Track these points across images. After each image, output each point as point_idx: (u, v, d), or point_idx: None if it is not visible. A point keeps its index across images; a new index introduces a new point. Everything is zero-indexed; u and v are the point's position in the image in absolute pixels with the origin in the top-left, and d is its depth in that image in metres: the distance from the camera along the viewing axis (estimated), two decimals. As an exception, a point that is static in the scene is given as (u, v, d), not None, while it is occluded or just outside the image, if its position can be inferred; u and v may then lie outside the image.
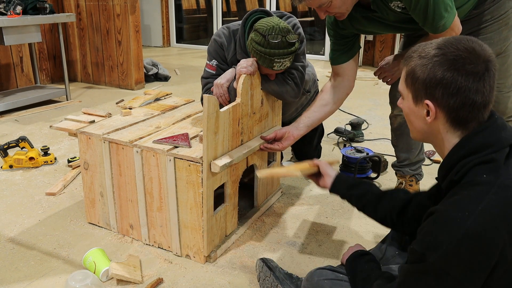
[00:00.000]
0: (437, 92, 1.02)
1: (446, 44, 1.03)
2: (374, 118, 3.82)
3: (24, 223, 2.14)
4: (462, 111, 1.02)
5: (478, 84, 0.99)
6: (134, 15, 4.70)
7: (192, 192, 1.73)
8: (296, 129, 1.99)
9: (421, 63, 1.04)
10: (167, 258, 1.86)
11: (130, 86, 4.88)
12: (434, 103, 1.04)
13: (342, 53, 1.99)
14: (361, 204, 1.53)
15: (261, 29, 1.84)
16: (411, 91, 1.09)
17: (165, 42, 8.00)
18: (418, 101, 1.08)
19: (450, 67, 1.00)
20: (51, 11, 4.07)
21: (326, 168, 1.64)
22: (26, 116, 3.87)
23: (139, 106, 2.37)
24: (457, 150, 1.04)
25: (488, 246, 0.91)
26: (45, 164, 2.80)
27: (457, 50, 1.00)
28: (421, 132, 1.13)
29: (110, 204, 2.00)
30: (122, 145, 1.84)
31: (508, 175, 0.96)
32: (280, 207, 2.30)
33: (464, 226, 0.92)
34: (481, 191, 0.95)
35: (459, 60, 0.99)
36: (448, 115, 1.04)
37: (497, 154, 0.99)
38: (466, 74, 0.99)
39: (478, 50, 1.00)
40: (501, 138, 1.01)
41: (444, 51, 1.01)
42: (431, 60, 1.02)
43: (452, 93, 1.00)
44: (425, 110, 1.06)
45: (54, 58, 5.07)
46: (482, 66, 0.99)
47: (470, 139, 1.03)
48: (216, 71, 2.11)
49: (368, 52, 6.27)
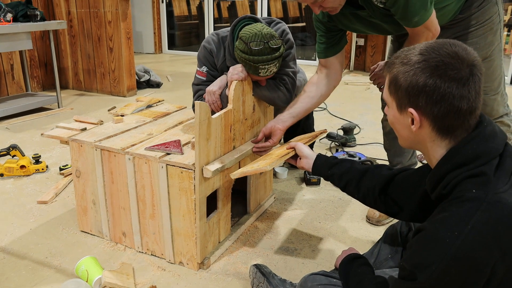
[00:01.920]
0: (420, 100, 0.99)
1: (428, 50, 0.99)
2: (366, 123, 3.84)
3: (15, 232, 2.13)
4: (447, 119, 0.98)
5: (462, 90, 0.96)
6: (125, 22, 4.70)
7: (184, 198, 1.73)
8: (281, 121, 1.98)
9: (403, 70, 1.01)
10: (160, 266, 1.86)
11: (122, 93, 4.87)
12: (418, 111, 1.00)
13: (329, 46, 2.01)
14: (344, 183, 1.51)
15: (244, 37, 1.85)
16: (394, 99, 1.06)
17: (157, 49, 8.00)
18: (402, 109, 1.04)
19: (433, 74, 0.96)
20: (42, 18, 4.06)
21: (303, 150, 1.64)
22: (17, 124, 3.85)
23: (131, 113, 2.36)
24: (445, 161, 1.01)
25: (478, 265, 0.89)
26: (36, 172, 2.78)
27: (439, 55, 0.97)
28: (408, 141, 1.10)
29: (102, 212, 1.99)
30: (114, 152, 1.84)
31: (497, 189, 0.93)
32: (273, 213, 2.30)
33: (454, 246, 0.89)
34: (470, 208, 0.92)
35: (442, 66, 0.96)
36: (433, 123, 1.00)
37: (486, 166, 0.95)
38: (449, 80, 0.95)
39: (461, 54, 0.97)
40: (490, 148, 0.98)
41: (426, 57, 0.98)
42: (413, 67, 0.99)
43: (436, 100, 0.97)
44: (410, 119, 1.03)
45: (45, 65, 5.05)
46: (466, 71, 0.96)
47: (458, 150, 1.00)
48: (206, 77, 2.12)
49: (359, 57, 6.31)
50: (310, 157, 1.62)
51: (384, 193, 1.43)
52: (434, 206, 1.05)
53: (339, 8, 1.73)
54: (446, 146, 1.03)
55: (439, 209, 1.00)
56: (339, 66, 2.05)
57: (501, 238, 0.90)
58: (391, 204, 1.42)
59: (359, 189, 1.48)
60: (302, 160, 1.65)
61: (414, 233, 1.02)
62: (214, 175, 1.71)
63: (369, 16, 1.79)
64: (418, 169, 1.36)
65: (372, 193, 1.44)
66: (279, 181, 2.68)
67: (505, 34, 6.32)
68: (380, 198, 1.43)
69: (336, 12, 1.75)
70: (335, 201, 2.43)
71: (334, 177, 1.55)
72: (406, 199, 1.36)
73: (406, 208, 1.37)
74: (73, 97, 4.87)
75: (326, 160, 1.59)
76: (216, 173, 1.71)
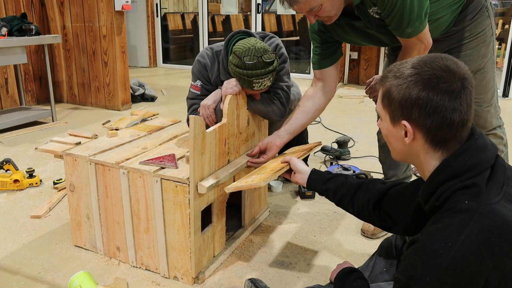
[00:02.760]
0: (413, 112, 1.00)
1: (420, 64, 1.01)
2: (360, 136, 3.86)
3: (8, 247, 2.11)
4: (440, 131, 1.00)
5: (454, 102, 0.97)
6: (120, 36, 4.72)
7: (179, 213, 1.73)
8: (278, 138, 2.00)
9: (396, 83, 1.02)
10: (155, 280, 1.84)
11: (116, 106, 4.87)
12: (411, 123, 1.02)
13: (324, 57, 2.02)
14: (338, 197, 1.52)
15: (238, 51, 1.87)
16: (388, 112, 1.08)
17: (151, 63, 8.03)
18: (395, 122, 1.06)
19: (425, 87, 0.98)
20: (37, 32, 4.07)
21: (297, 165, 1.64)
22: (11, 137, 3.83)
23: (126, 127, 2.36)
24: (438, 173, 1.02)
25: (472, 276, 0.90)
26: (30, 186, 2.77)
27: (431, 69, 0.99)
28: (401, 153, 1.11)
29: (96, 226, 1.98)
30: (108, 166, 1.84)
31: (490, 200, 0.94)
32: (268, 227, 2.30)
33: (448, 257, 0.90)
34: (462, 219, 0.92)
35: (434, 79, 0.98)
36: (426, 135, 1.02)
37: (477, 178, 0.96)
38: (441, 93, 0.97)
39: (453, 68, 0.99)
40: (482, 160, 0.99)
41: (418, 70, 1.00)
42: (406, 80, 1.00)
43: (429, 113, 0.98)
44: (403, 131, 1.05)
45: (40, 79, 5.05)
46: (458, 84, 0.98)
47: (450, 162, 1.01)
48: (201, 91, 2.13)
49: (353, 70, 6.36)
50: (304, 172, 1.63)
51: (378, 207, 1.43)
52: (427, 219, 1.06)
53: (334, 18, 1.74)
54: (439, 158, 1.04)
55: (432, 221, 1.01)
56: (333, 78, 2.07)
57: (493, 248, 0.90)
58: (385, 218, 1.42)
59: (353, 204, 1.49)
60: (297, 175, 1.66)
61: (408, 245, 1.03)
62: (209, 191, 1.71)
63: (365, 27, 1.81)
64: (412, 183, 1.37)
65: (366, 207, 1.45)
66: (274, 194, 2.68)
67: (497, 47, 6.39)
68: (374, 212, 1.44)
69: (332, 22, 1.76)
70: (330, 214, 2.43)
71: (328, 191, 1.56)
72: (400, 213, 1.37)
73: (401, 222, 1.37)
74: (67, 111, 4.87)
75: (320, 175, 1.60)
76: (210, 189, 1.71)
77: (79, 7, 4.78)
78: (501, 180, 0.98)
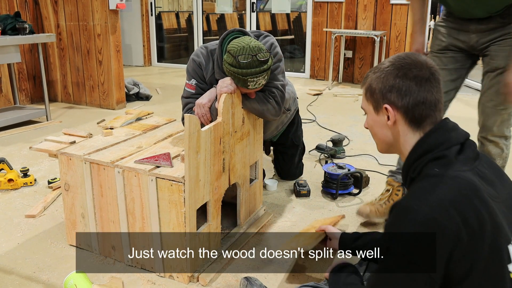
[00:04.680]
0: (392, 96, 1.16)
1: (394, 58, 1.19)
2: (355, 134, 3.87)
3: (2, 247, 2.10)
4: (416, 109, 1.15)
5: (425, 84, 1.14)
6: (115, 35, 4.71)
7: (174, 211, 1.73)
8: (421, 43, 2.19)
9: (375, 77, 1.19)
10: (150, 279, 1.84)
11: (111, 106, 4.86)
12: (392, 106, 1.17)
13: None
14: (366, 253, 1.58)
15: (232, 50, 1.87)
16: (371, 103, 1.22)
17: (146, 62, 8.01)
18: (378, 110, 1.20)
19: (399, 73, 1.15)
20: (30, 31, 4.05)
21: (332, 232, 1.76)
22: (5, 137, 3.82)
23: (121, 126, 2.36)
24: (414, 151, 1.16)
25: (443, 230, 0.98)
26: (24, 185, 2.76)
27: (403, 60, 1.17)
28: (385, 142, 1.24)
29: (91, 225, 1.98)
30: (103, 165, 1.84)
31: (457, 168, 1.06)
32: (263, 225, 2.30)
33: (420, 214, 1.00)
34: (433, 182, 1.05)
35: (406, 66, 1.15)
36: (405, 115, 1.16)
37: (447, 151, 1.10)
38: (413, 77, 1.14)
39: (421, 60, 1.16)
40: (451, 137, 1.13)
41: (393, 63, 1.18)
42: (384, 72, 1.18)
43: (405, 94, 1.14)
44: (386, 116, 1.19)
45: (34, 78, 5.03)
46: (427, 71, 1.15)
47: (424, 140, 1.15)
48: (195, 90, 2.13)
49: (348, 69, 6.38)
50: (337, 237, 1.75)
51: None
52: None
53: None
54: (416, 138, 1.17)
55: (409, 189, 1.14)
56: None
57: (460, 205, 1.00)
58: None
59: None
60: (333, 240, 1.76)
61: (389, 211, 1.11)
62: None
63: None
64: None
65: None
66: (269, 193, 2.69)
67: None
68: None
69: None
70: (325, 212, 2.44)
71: (357, 249, 1.63)
72: None
73: None
74: (62, 110, 4.85)
75: (349, 236, 1.71)
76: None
77: (73, 6, 4.76)
78: (471, 156, 1.10)
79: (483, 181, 1.07)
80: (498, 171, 1.16)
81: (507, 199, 1.10)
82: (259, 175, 2.35)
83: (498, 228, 1.02)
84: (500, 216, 1.04)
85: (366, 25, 6.10)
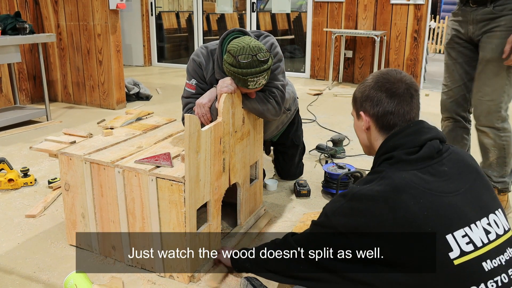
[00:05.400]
0: (367, 105, 1.36)
1: (377, 73, 1.38)
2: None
3: (3, 246, 2.10)
4: (385, 118, 1.33)
5: (394, 98, 1.31)
6: (115, 34, 4.71)
7: (174, 211, 1.73)
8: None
9: (359, 88, 1.40)
10: (150, 279, 1.85)
11: (111, 105, 4.86)
12: (366, 113, 1.37)
13: None
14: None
15: (232, 50, 1.87)
16: (354, 109, 1.43)
17: (146, 61, 8.01)
18: (358, 116, 1.41)
19: (375, 86, 1.35)
20: (31, 31, 4.05)
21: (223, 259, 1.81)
22: (5, 137, 3.82)
23: (121, 126, 2.36)
24: (377, 152, 1.35)
25: (367, 210, 1.19)
26: (24, 185, 2.76)
27: (382, 75, 1.35)
28: (364, 144, 1.45)
29: (91, 225, 1.98)
30: (103, 165, 1.84)
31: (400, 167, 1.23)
32: (264, 225, 2.30)
33: (353, 191, 1.23)
34: (374, 176, 1.25)
35: (382, 81, 1.34)
36: (376, 122, 1.35)
37: (397, 152, 1.26)
38: (385, 91, 1.32)
39: (399, 76, 1.34)
40: (407, 141, 1.27)
41: (374, 78, 1.36)
42: (365, 84, 1.38)
43: (376, 104, 1.34)
44: (362, 122, 1.38)
45: (34, 78, 5.03)
46: (402, 87, 1.32)
47: (384, 143, 1.33)
48: (195, 90, 2.13)
49: (348, 69, 6.38)
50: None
51: None
52: None
53: None
54: None
55: None
56: None
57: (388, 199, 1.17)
58: None
59: None
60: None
61: None
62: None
63: None
64: None
65: None
66: (269, 193, 2.69)
67: None
68: None
69: None
70: (325, 212, 2.44)
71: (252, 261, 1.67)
72: None
73: None
74: (62, 110, 4.85)
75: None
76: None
77: (73, 6, 4.76)
78: (426, 155, 1.23)
79: (434, 177, 1.20)
80: (462, 167, 1.25)
81: (466, 191, 1.20)
82: (259, 175, 2.35)
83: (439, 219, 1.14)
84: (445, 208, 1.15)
85: (366, 25, 6.10)
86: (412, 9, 5.83)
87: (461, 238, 1.13)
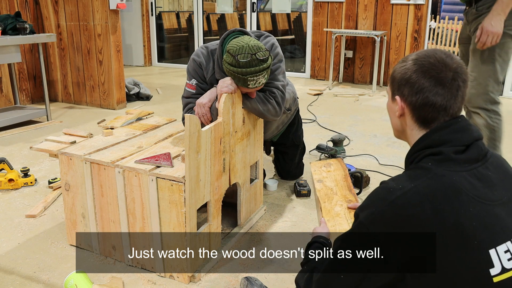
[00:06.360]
0: (405, 90, 1.17)
1: (422, 53, 1.18)
2: (355, 134, 3.87)
3: (3, 246, 2.10)
4: (423, 110, 1.15)
5: (439, 88, 1.13)
6: (115, 34, 4.71)
7: (175, 211, 1.73)
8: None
9: (399, 66, 1.20)
10: (151, 279, 1.85)
11: (111, 105, 4.86)
12: (402, 99, 1.18)
13: None
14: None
15: (232, 50, 1.87)
16: (390, 89, 1.24)
17: (146, 61, 8.01)
18: (393, 98, 1.22)
19: (418, 70, 1.15)
20: (31, 31, 4.05)
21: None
22: (6, 137, 3.82)
23: (121, 126, 2.36)
24: (417, 144, 1.17)
25: (410, 218, 1.02)
26: (25, 185, 2.76)
27: (428, 58, 1.15)
28: (396, 129, 1.27)
29: (92, 225, 1.98)
30: (103, 165, 1.84)
31: (450, 167, 1.07)
32: (264, 225, 2.30)
33: (394, 195, 1.05)
34: (419, 173, 1.08)
35: (427, 65, 1.14)
36: (412, 112, 1.17)
37: (446, 148, 1.10)
38: (430, 78, 1.13)
39: (447, 61, 1.14)
40: (455, 137, 1.12)
41: (418, 58, 1.16)
42: (406, 64, 1.18)
43: (416, 91, 1.14)
44: (397, 106, 1.20)
45: (34, 78, 5.03)
46: (449, 74, 1.12)
47: (427, 136, 1.15)
48: (196, 90, 2.13)
49: (348, 69, 6.37)
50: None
51: None
52: None
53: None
54: (422, 134, 1.18)
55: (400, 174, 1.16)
56: None
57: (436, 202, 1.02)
58: None
59: None
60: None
61: None
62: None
63: None
64: None
65: None
66: (270, 193, 2.69)
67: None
68: None
69: None
70: (325, 212, 2.44)
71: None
72: None
73: None
74: (62, 110, 4.85)
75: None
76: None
77: (73, 6, 4.76)
78: (473, 157, 1.10)
79: (481, 183, 1.07)
80: (505, 173, 1.14)
81: (509, 200, 1.08)
82: (260, 175, 2.35)
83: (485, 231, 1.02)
84: (490, 219, 1.03)
85: (367, 25, 6.10)
86: (412, 9, 5.83)
87: (503, 254, 1.02)
